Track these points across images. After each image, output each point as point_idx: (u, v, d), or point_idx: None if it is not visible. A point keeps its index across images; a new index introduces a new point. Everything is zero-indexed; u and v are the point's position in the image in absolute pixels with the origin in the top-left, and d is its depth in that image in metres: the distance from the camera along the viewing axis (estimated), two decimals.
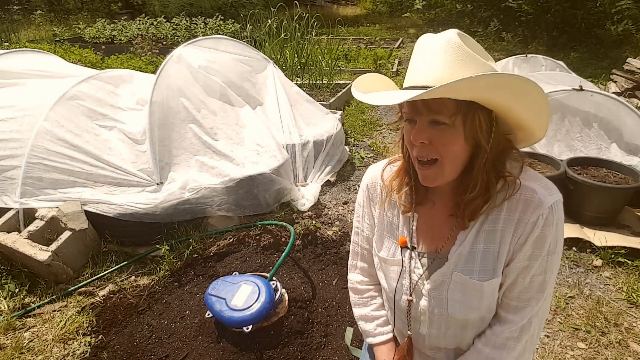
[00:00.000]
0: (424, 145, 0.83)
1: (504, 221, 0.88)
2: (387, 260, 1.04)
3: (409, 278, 1.00)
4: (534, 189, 0.86)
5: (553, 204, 0.85)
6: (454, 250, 0.93)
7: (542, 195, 0.85)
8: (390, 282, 1.04)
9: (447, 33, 0.79)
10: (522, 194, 0.86)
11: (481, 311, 0.94)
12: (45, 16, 12.31)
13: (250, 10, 7.02)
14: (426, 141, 0.82)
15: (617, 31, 7.48)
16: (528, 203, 0.85)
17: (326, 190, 3.30)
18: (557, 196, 0.87)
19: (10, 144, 2.52)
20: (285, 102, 3.51)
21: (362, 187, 1.11)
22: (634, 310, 2.09)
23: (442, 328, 0.99)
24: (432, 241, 0.98)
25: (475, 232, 0.91)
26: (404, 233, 1.01)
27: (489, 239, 0.90)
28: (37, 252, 2.19)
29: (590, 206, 2.63)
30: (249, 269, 2.31)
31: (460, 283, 0.92)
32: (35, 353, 1.89)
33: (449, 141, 0.82)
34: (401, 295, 1.02)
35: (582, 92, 3.07)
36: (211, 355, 1.77)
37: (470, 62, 0.77)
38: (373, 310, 1.15)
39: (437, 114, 0.79)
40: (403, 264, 1.01)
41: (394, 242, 1.04)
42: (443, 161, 0.84)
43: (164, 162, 2.64)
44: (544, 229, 0.85)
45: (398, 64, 7.47)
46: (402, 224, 1.02)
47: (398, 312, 1.05)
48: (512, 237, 0.88)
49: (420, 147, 0.84)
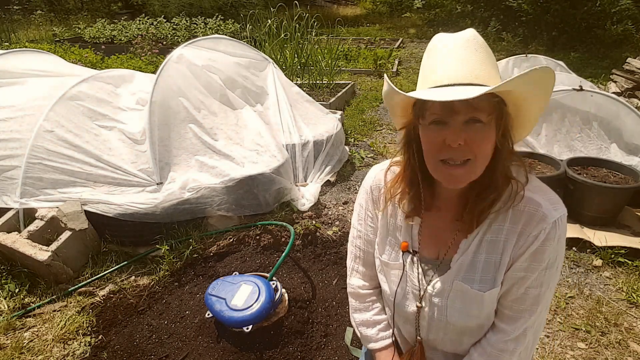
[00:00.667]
0: (459, 147, 0.78)
1: (507, 232, 0.87)
2: (389, 264, 1.04)
3: (411, 283, 1.00)
4: (539, 202, 0.85)
5: (557, 219, 0.83)
6: (456, 258, 0.92)
7: (547, 210, 0.84)
8: (391, 286, 1.04)
9: (470, 32, 0.82)
10: (526, 206, 0.85)
11: (480, 319, 0.94)
12: (45, 16, 12.30)
13: (250, 10, 7.02)
14: (462, 142, 0.78)
15: (617, 31, 7.49)
16: (532, 216, 0.84)
17: (326, 190, 3.30)
18: (562, 211, 0.85)
19: (10, 143, 2.52)
20: (285, 102, 3.51)
21: (365, 189, 1.08)
22: (634, 310, 2.09)
23: (440, 333, 0.99)
24: (434, 247, 0.98)
25: (477, 242, 0.90)
26: (406, 237, 1.00)
27: (491, 249, 0.89)
28: (37, 252, 2.19)
29: (590, 206, 2.63)
30: (249, 269, 2.31)
31: (461, 292, 0.92)
32: (35, 353, 1.89)
33: (484, 140, 0.79)
34: (402, 299, 1.02)
35: (582, 92, 3.07)
36: (211, 355, 1.77)
37: (493, 58, 0.81)
38: (374, 315, 1.13)
39: (477, 112, 0.77)
40: (404, 268, 1.00)
41: (396, 246, 1.03)
42: (477, 161, 0.81)
43: (164, 162, 2.64)
44: (544, 243, 0.83)
45: (398, 64, 7.47)
46: (404, 228, 1.01)
47: (398, 316, 1.05)
48: (513, 249, 0.87)
49: (454, 149, 0.79)
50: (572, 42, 8.14)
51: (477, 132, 0.78)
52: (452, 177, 0.83)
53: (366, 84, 6.43)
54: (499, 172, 0.85)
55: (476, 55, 0.79)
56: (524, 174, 0.88)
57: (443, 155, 0.81)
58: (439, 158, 0.82)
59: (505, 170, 0.85)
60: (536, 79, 0.75)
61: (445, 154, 0.81)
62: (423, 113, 0.82)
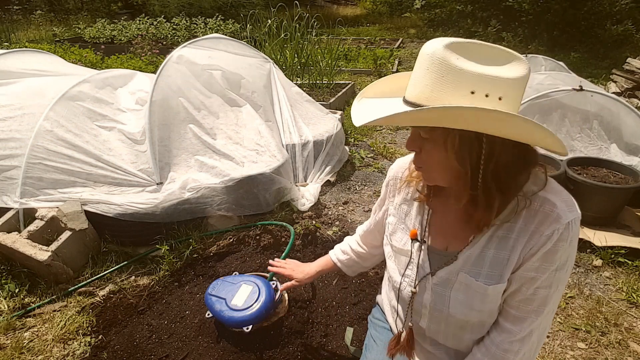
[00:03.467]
0: (416, 153, 0.89)
1: (519, 231, 0.86)
2: (398, 249, 1.06)
3: (415, 270, 1.01)
4: (554, 202, 0.84)
5: (571, 221, 0.83)
6: (464, 251, 0.92)
7: (562, 211, 0.83)
8: (400, 270, 1.06)
9: (433, 44, 0.75)
10: (541, 206, 0.85)
11: (482, 315, 0.93)
12: (45, 16, 12.30)
13: (250, 10, 7.02)
14: (417, 149, 0.87)
15: (617, 31, 7.49)
16: (546, 216, 0.84)
17: (326, 190, 3.30)
18: (577, 213, 0.84)
19: (10, 143, 2.52)
20: (285, 102, 3.51)
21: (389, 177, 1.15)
22: (634, 310, 2.09)
23: (441, 325, 0.99)
24: (443, 237, 0.99)
25: (487, 237, 0.90)
26: (416, 225, 1.03)
27: (501, 246, 0.89)
28: (37, 252, 2.19)
29: (590, 206, 2.63)
30: (249, 269, 2.31)
31: (465, 284, 0.92)
32: (35, 353, 1.89)
33: (430, 153, 0.85)
34: (405, 285, 1.03)
35: (582, 92, 3.07)
36: (211, 355, 1.77)
37: (453, 79, 0.72)
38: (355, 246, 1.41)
39: (419, 128, 0.84)
40: (411, 255, 1.01)
41: (406, 233, 1.05)
42: (427, 169, 0.89)
43: (164, 162, 2.64)
44: (556, 244, 0.83)
45: (398, 64, 7.47)
46: (415, 216, 1.04)
47: (401, 303, 1.07)
48: (524, 247, 0.86)
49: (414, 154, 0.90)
50: (572, 42, 8.14)
51: (425, 143, 0.85)
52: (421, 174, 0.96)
53: (366, 84, 6.42)
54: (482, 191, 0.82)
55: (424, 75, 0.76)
56: (543, 178, 0.87)
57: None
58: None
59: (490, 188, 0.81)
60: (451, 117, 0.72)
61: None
62: None
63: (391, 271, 1.10)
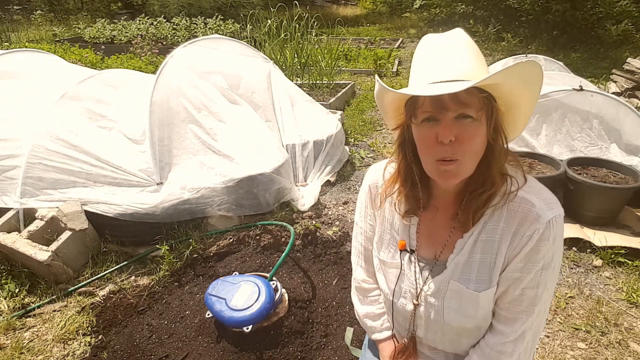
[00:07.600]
0: (451, 143, 0.79)
1: (502, 232, 0.87)
2: (387, 262, 1.04)
3: (408, 282, 1.00)
4: (532, 202, 0.84)
5: (551, 219, 0.83)
6: (452, 258, 0.92)
7: (541, 210, 0.83)
8: (389, 285, 1.04)
9: (458, 31, 0.83)
10: (520, 205, 0.85)
11: (477, 320, 0.93)
12: (45, 16, 12.31)
13: (250, 10, 7.01)
14: (453, 138, 0.78)
15: (617, 31, 7.49)
16: (525, 216, 0.84)
17: (326, 190, 3.30)
18: (557, 211, 0.84)
19: (10, 143, 2.52)
20: (285, 102, 3.51)
21: (365, 188, 1.10)
22: (634, 310, 2.09)
23: (438, 333, 0.99)
24: (431, 246, 0.98)
25: (472, 242, 0.90)
26: (404, 236, 1.01)
27: (486, 249, 0.89)
28: (37, 252, 2.19)
29: (590, 206, 2.63)
30: (249, 269, 2.31)
31: (457, 292, 0.92)
32: (35, 353, 1.89)
33: (474, 136, 0.79)
34: (399, 297, 1.02)
35: (582, 92, 3.07)
36: (211, 355, 1.77)
37: (480, 56, 0.82)
38: (379, 308, 1.16)
39: (467, 107, 0.77)
40: (402, 267, 1.00)
41: (393, 245, 1.03)
42: (466, 158, 0.81)
43: (164, 162, 2.64)
44: (538, 243, 0.83)
45: (398, 64, 7.47)
46: (402, 227, 1.01)
47: (396, 313, 1.06)
48: (507, 248, 0.87)
49: (446, 147, 0.79)
50: (572, 42, 8.14)
51: (467, 127, 0.79)
52: (445, 173, 0.82)
53: (366, 84, 6.42)
54: (494, 169, 0.85)
55: (466, 53, 0.80)
56: (522, 174, 0.88)
57: (437, 154, 0.82)
58: (434, 158, 0.82)
59: (500, 167, 0.85)
60: (521, 72, 0.75)
61: (438, 152, 0.81)
62: (415, 112, 0.83)
63: (381, 284, 1.07)
